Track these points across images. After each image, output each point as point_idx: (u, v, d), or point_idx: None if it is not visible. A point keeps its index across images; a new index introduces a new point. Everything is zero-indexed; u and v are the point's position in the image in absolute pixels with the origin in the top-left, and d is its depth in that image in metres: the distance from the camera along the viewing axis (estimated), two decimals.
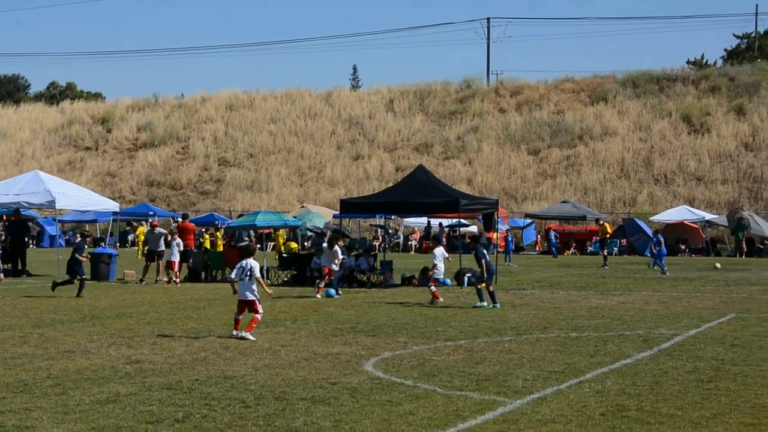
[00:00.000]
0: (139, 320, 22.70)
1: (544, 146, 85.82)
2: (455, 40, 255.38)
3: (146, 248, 38.24)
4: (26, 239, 41.79)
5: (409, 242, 69.08)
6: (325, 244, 30.71)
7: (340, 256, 30.14)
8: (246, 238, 38.45)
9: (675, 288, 33.83)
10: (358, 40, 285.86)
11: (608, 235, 54.80)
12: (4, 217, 53.17)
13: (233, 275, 19.88)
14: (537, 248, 69.05)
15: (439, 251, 28.49)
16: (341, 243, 31.81)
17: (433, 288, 27.65)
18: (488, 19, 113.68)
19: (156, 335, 19.68)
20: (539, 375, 15.08)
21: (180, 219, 41.64)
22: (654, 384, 14.31)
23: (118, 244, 64.79)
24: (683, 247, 63.41)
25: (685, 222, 65.67)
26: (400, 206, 37.14)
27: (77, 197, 40.07)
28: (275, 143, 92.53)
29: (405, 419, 11.82)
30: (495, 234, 47.03)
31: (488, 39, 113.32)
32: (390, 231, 68.88)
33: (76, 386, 13.76)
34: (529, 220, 68.80)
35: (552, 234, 63.11)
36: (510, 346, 18.37)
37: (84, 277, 29.65)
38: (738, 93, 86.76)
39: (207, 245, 45.63)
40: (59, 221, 66.96)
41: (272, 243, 60.91)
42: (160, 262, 36.35)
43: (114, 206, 41.89)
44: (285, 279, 36.63)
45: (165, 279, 35.73)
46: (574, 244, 66.54)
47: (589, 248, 65.73)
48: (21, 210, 41.09)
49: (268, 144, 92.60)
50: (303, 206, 69.49)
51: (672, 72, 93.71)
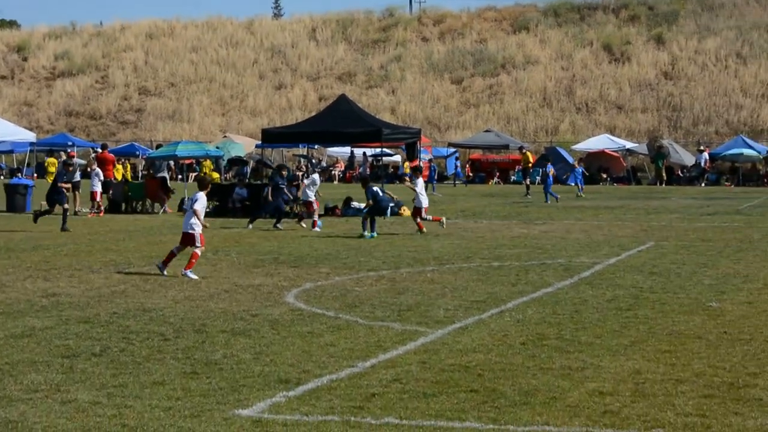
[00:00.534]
0: (56, 252, 22.30)
1: (467, 75, 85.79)
2: None
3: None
4: None
5: (333, 172, 68.88)
6: (315, 175, 30.64)
7: (317, 183, 30.18)
8: (164, 169, 37.87)
9: (596, 217, 34.16)
10: None
11: (530, 165, 55.10)
12: None
13: (184, 206, 19.54)
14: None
15: (420, 182, 28.19)
16: (284, 172, 31.83)
17: (422, 219, 27.42)
18: None
19: (74, 268, 19.35)
20: (461, 305, 15.11)
21: (99, 149, 40.96)
22: (574, 312, 14.42)
23: (36, 175, 63.69)
24: (605, 176, 64.02)
25: (606, 151, 66.25)
26: (323, 136, 36.96)
27: None
28: (197, 72, 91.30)
29: (326, 350, 11.78)
30: (419, 162, 46.95)
31: None
32: (313, 161, 68.59)
33: None
34: (453, 149, 68.88)
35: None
36: (432, 276, 18.39)
37: (66, 207, 28.50)
38: (657, 22, 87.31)
39: (126, 176, 44.95)
40: None
41: (194, 174, 60.29)
42: (77, 193, 35.69)
43: (30, 137, 41.18)
44: (207, 210, 36.21)
45: (88, 210, 35.12)
46: (498, 173, 66.82)
47: (512, 177, 66.02)
48: None
49: (190, 73, 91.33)
50: (225, 136, 68.85)
51: (593, 1, 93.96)
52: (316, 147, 58.25)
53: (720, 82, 77.45)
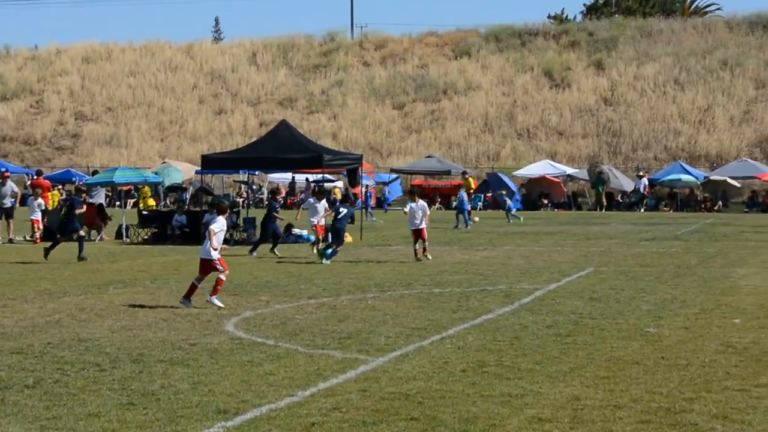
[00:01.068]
0: None
1: (409, 100, 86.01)
2: None
3: None
4: None
5: None
6: (311, 198, 30.11)
7: (322, 211, 29.21)
8: (93, 194, 37.36)
9: (537, 242, 34.33)
10: None
11: (472, 190, 55.30)
12: None
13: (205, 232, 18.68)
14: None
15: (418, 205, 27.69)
16: (279, 196, 31.46)
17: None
18: None
19: (7, 297, 19.03)
20: (402, 332, 15.07)
21: (34, 176, 40.45)
22: (514, 339, 14.43)
23: None
24: (545, 202, 64.42)
25: (547, 176, 66.68)
26: (264, 162, 36.75)
27: None
28: (135, 97, 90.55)
29: (265, 380, 11.68)
30: (360, 189, 47.07)
31: None
32: (254, 187, 68.29)
33: None
34: (395, 175, 68.95)
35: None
36: (373, 303, 18.34)
37: (82, 235, 27.94)
38: (597, 48, 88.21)
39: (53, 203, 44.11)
40: None
41: (133, 200, 59.83)
42: (11, 221, 35.16)
43: None
44: (145, 237, 35.94)
45: (29, 237, 34.55)
46: (439, 199, 66.96)
47: (454, 203, 66.11)
48: None
49: (127, 98, 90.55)
50: (164, 162, 68.38)
51: (533, 26, 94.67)
52: (257, 173, 58.01)
53: (658, 108, 78.36)
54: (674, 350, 13.57)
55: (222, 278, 17.79)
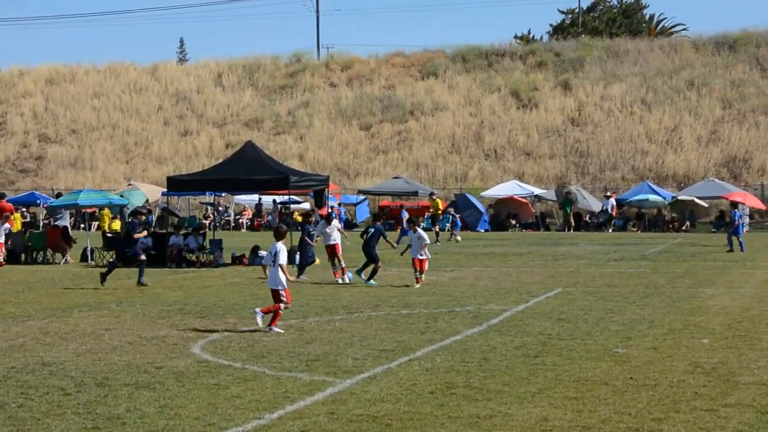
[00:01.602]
0: None
1: (376, 121, 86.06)
2: (284, 13, 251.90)
3: None
4: None
5: (240, 220, 68.38)
6: (321, 223, 29.55)
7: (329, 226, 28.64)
8: (65, 216, 37.14)
9: (505, 263, 34.33)
10: (185, 12, 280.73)
11: (440, 211, 55.31)
12: None
13: (264, 261, 18.34)
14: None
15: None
16: (312, 219, 30.68)
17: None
18: None
19: None
20: (369, 354, 14.99)
21: None
22: (482, 360, 14.38)
23: None
24: (513, 222, 64.51)
25: (515, 197, 66.78)
26: (230, 183, 36.61)
27: None
28: (99, 119, 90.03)
29: (232, 402, 11.58)
30: (327, 210, 46.90)
31: (317, 12, 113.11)
32: (220, 209, 68.04)
33: None
34: (362, 197, 68.91)
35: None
36: (341, 325, 18.25)
37: (143, 260, 27.15)
38: (564, 68, 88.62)
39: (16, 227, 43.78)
40: None
41: (96, 222, 59.39)
42: None
43: None
44: (110, 260, 35.62)
45: None
46: None
47: (422, 224, 66.06)
48: None
49: (92, 120, 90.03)
50: (130, 184, 67.94)
51: (500, 47, 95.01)
52: (223, 194, 57.83)
53: (625, 128, 78.73)
54: (643, 371, 13.56)
55: (280, 309, 17.67)
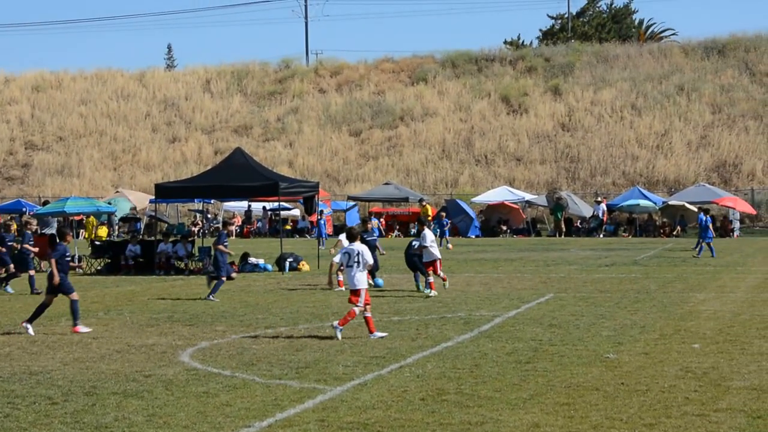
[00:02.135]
0: None
1: (366, 127, 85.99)
2: (273, 19, 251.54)
3: None
4: None
5: (229, 227, 68.18)
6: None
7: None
8: (52, 224, 36.98)
9: (496, 269, 34.25)
10: (173, 18, 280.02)
11: (430, 218, 55.21)
12: None
13: (336, 260, 17.94)
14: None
15: (430, 235, 26.50)
16: (370, 225, 29.49)
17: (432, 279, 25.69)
18: None
19: None
20: (360, 361, 14.90)
21: None
22: (474, 366, 14.30)
23: None
24: (504, 228, 64.48)
25: (506, 203, 66.76)
26: (219, 190, 36.43)
27: None
28: (86, 126, 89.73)
29: (222, 411, 11.49)
30: (316, 217, 46.95)
31: (306, 18, 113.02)
32: (209, 216, 67.86)
33: None
34: (352, 203, 68.80)
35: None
36: (331, 332, 18.13)
37: (221, 277, 24.89)
38: (554, 73, 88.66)
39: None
40: None
41: (83, 230, 59.22)
42: None
43: None
44: (98, 268, 35.51)
45: None
46: (398, 226, 66.87)
47: (412, 230, 66.04)
48: None
49: (79, 127, 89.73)
50: (118, 191, 67.75)
51: (490, 52, 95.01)
52: (212, 201, 57.66)
53: (616, 134, 78.79)
54: (634, 376, 13.49)
55: (355, 311, 17.33)
